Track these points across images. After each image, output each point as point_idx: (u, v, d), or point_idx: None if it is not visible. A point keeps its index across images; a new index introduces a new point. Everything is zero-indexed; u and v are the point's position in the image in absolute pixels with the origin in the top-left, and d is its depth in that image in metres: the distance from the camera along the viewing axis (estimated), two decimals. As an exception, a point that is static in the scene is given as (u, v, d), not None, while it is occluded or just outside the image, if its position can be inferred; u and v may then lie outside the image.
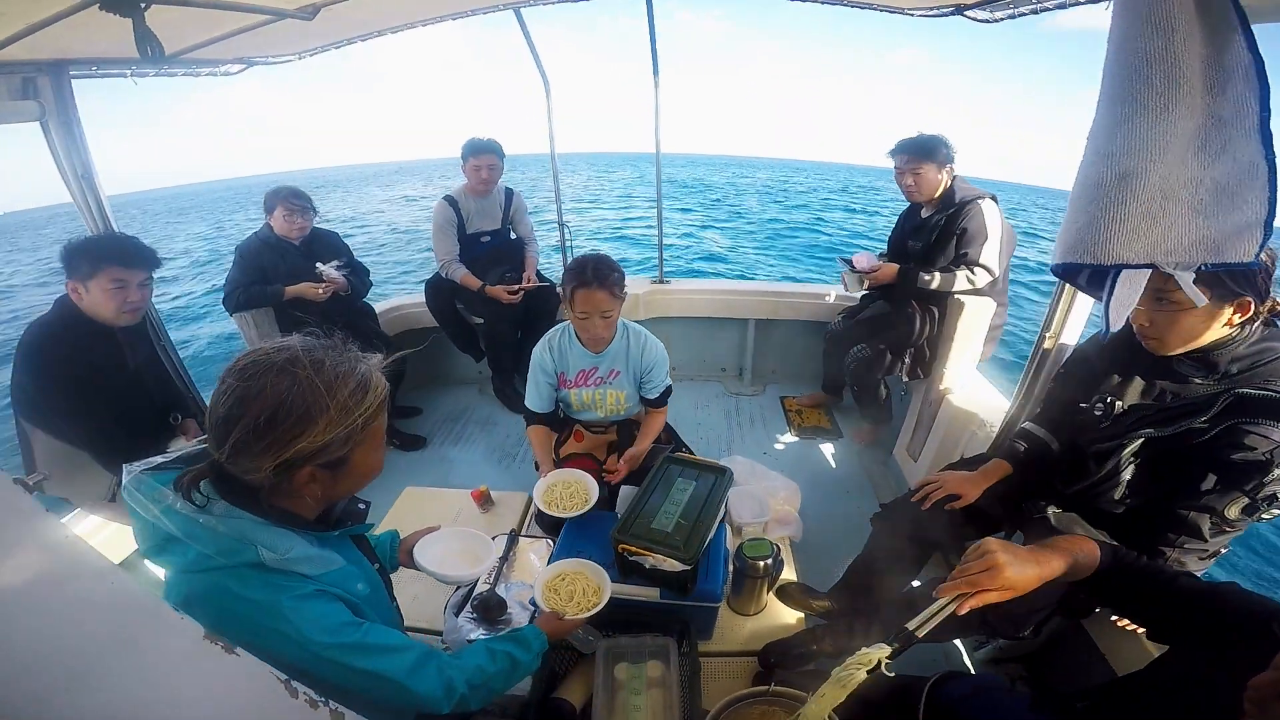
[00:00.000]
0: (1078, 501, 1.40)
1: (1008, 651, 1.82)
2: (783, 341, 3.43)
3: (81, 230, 1.88)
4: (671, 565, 1.47)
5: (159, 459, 0.87)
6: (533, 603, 1.46)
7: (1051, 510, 1.42)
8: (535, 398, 2.02)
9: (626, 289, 1.86)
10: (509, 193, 3.06)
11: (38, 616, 0.47)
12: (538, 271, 3.10)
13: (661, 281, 3.34)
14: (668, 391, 2.03)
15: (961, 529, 1.58)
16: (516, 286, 2.91)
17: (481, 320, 2.96)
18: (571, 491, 1.80)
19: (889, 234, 2.73)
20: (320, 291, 2.56)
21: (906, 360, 2.57)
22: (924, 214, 2.48)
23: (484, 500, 2.09)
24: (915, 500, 1.62)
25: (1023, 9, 1.72)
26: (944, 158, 2.33)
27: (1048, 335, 1.74)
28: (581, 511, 1.73)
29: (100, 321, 1.73)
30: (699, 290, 3.34)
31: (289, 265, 2.58)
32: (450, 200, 2.91)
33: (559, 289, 3.13)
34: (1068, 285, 1.61)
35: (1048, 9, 1.61)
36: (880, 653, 0.92)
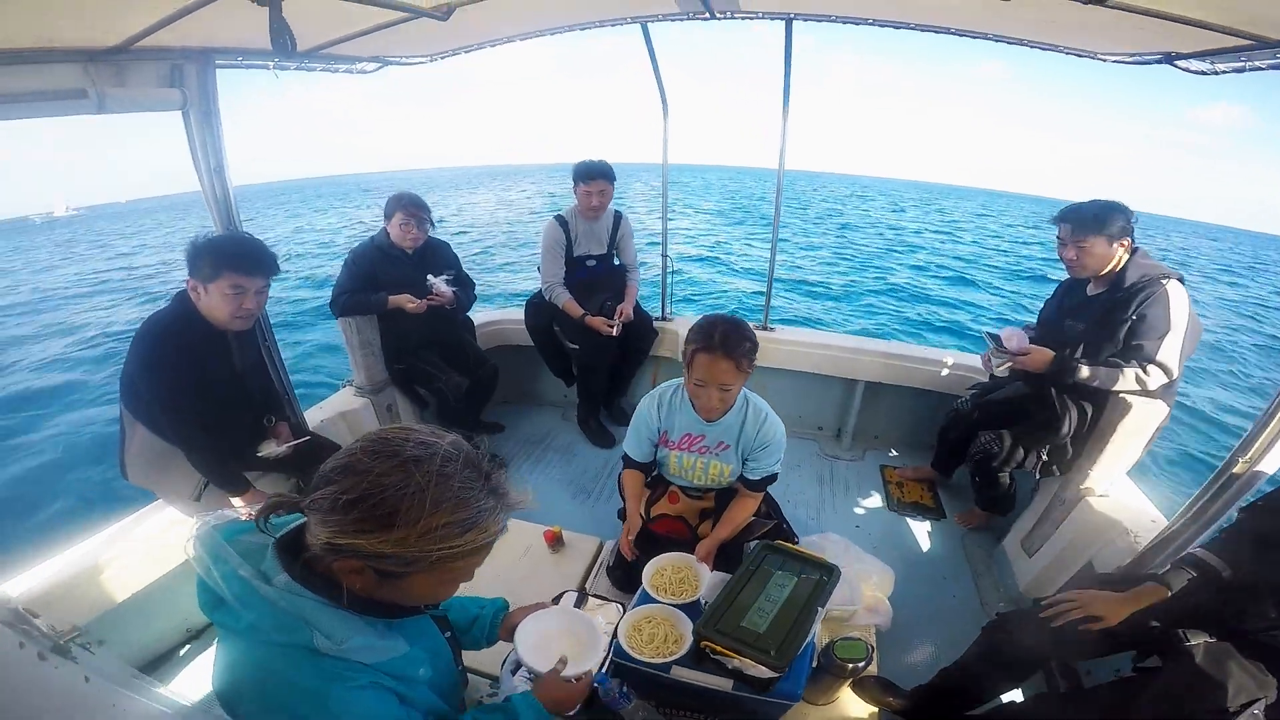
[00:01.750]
0: (1235, 632, 1.27)
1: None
2: (892, 407, 3.14)
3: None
4: (759, 671, 1.30)
5: (231, 513, 0.86)
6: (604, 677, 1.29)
7: (1203, 641, 1.28)
8: (635, 446, 1.90)
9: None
10: (617, 216, 2.96)
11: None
12: (637, 304, 2.99)
13: (766, 329, 3.12)
14: (772, 479, 1.82)
15: (1085, 647, 1.46)
16: (614, 321, 2.81)
17: (577, 347, 2.88)
18: (682, 578, 1.66)
19: (1042, 306, 2.38)
20: (417, 305, 2.53)
21: (1043, 455, 2.23)
22: (1090, 291, 2.12)
23: (555, 541, 2.00)
24: (1044, 616, 1.46)
25: (1258, 62, 1.41)
26: (1119, 230, 1.97)
27: (1242, 458, 1.48)
28: (689, 600, 1.57)
29: (214, 323, 1.73)
30: (807, 342, 3.09)
31: (399, 274, 2.56)
32: (561, 221, 2.84)
33: (655, 323, 3.13)
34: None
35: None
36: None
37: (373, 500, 0.69)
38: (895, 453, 3.15)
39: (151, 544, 1.83)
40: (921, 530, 2.59)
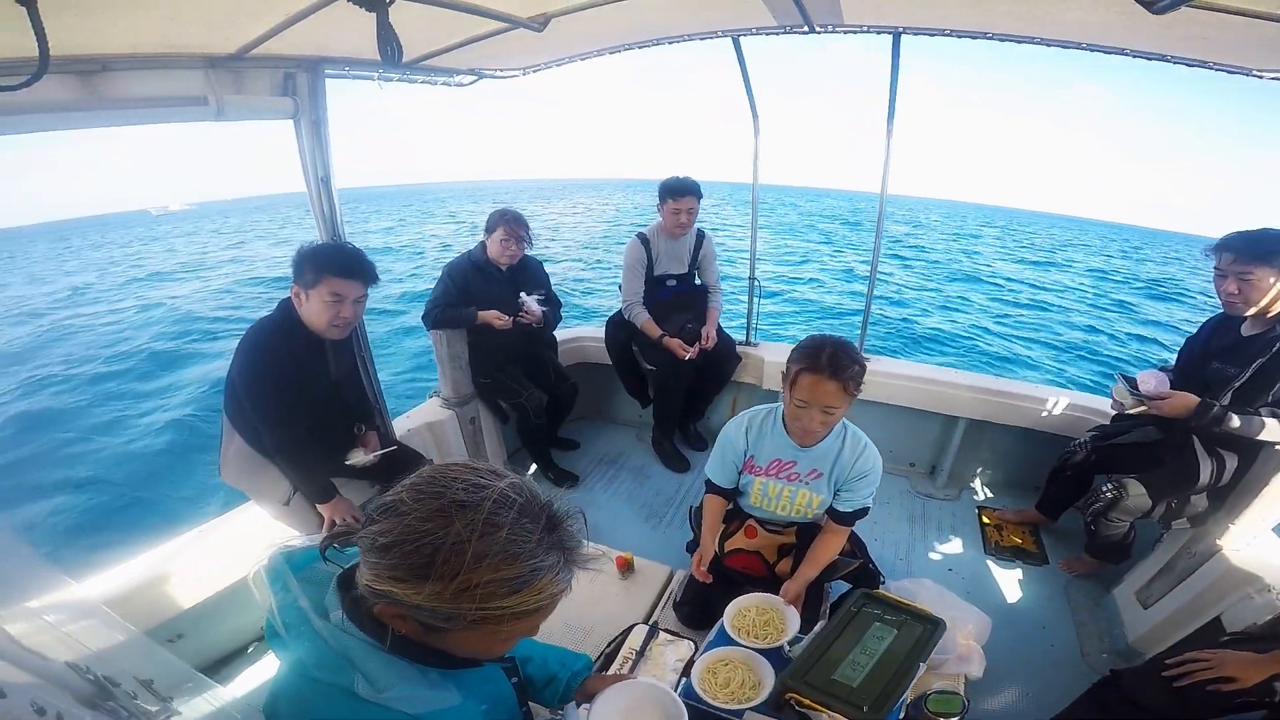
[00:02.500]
0: None
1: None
2: (994, 446, 2.92)
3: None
4: (849, 728, 1.16)
5: (302, 541, 0.80)
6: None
7: None
8: (719, 470, 1.81)
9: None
10: (700, 234, 2.90)
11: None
12: (720, 328, 2.91)
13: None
14: (863, 513, 1.69)
15: (1209, 710, 1.36)
16: (693, 349, 2.74)
17: (654, 369, 2.82)
18: (766, 620, 1.54)
19: (1183, 344, 2.13)
20: (504, 322, 2.53)
21: (1173, 506, 2.00)
22: (1246, 331, 1.87)
23: (626, 568, 1.93)
24: (1169, 675, 1.39)
25: None
26: None
27: None
28: (771, 645, 1.45)
29: (313, 330, 1.75)
30: (905, 375, 2.90)
31: (493, 291, 2.57)
32: (643, 239, 2.80)
33: (739, 348, 3.04)
34: None
35: None
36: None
37: (408, 547, 0.62)
38: (992, 493, 2.93)
39: (239, 544, 1.88)
40: (1019, 576, 2.42)
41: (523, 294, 2.59)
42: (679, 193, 2.66)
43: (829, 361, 1.46)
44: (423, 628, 0.68)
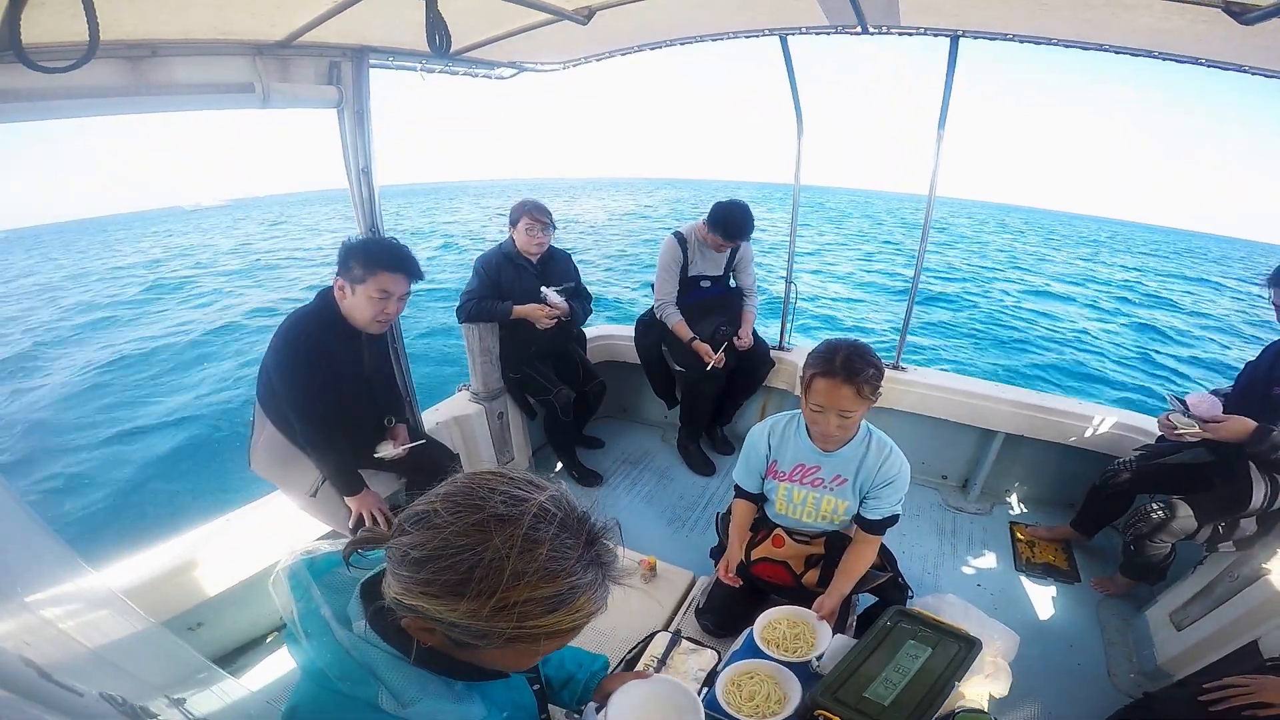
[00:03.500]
0: None
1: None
2: (1030, 461, 2.84)
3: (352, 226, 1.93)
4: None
5: (326, 545, 0.77)
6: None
7: None
8: (745, 475, 1.80)
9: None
10: None
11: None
12: (755, 332, 2.86)
13: (896, 367, 2.90)
14: (893, 520, 1.65)
15: None
16: (719, 355, 2.68)
17: (683, 370, 2.78)
18: (797, 633, 1.50)
19: (1243, 368, 2.06)
20: (547, 317, 2.52)
21: (1219, 529, 1.94)
22: None
23: (649, 571, 1.92)
24: (1205, 700, 1.35)
25: None
26: None
27: None
28: (800, 660, 1.42)
29: (353, 323, 1.75)
30: (941, 386, 2.83)
31: (525, 283, 2.56)
32: (679, 238, 2.76)
33: (773, 352, 2.99)
34: None
35: None
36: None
37: (443, 562, 0.59)
38: (1025, 509, 2.86)
39: (263, 534, 1.89)
40: (1049, 593, 2.38)
41: (543, 288, 2.56)
42: (731, 235, 2.60)
43: (843, 365, 1.45)
44: (453, 643, 0.65)
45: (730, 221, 2.57)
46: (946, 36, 2.00)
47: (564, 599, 0.61)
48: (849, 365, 1.45)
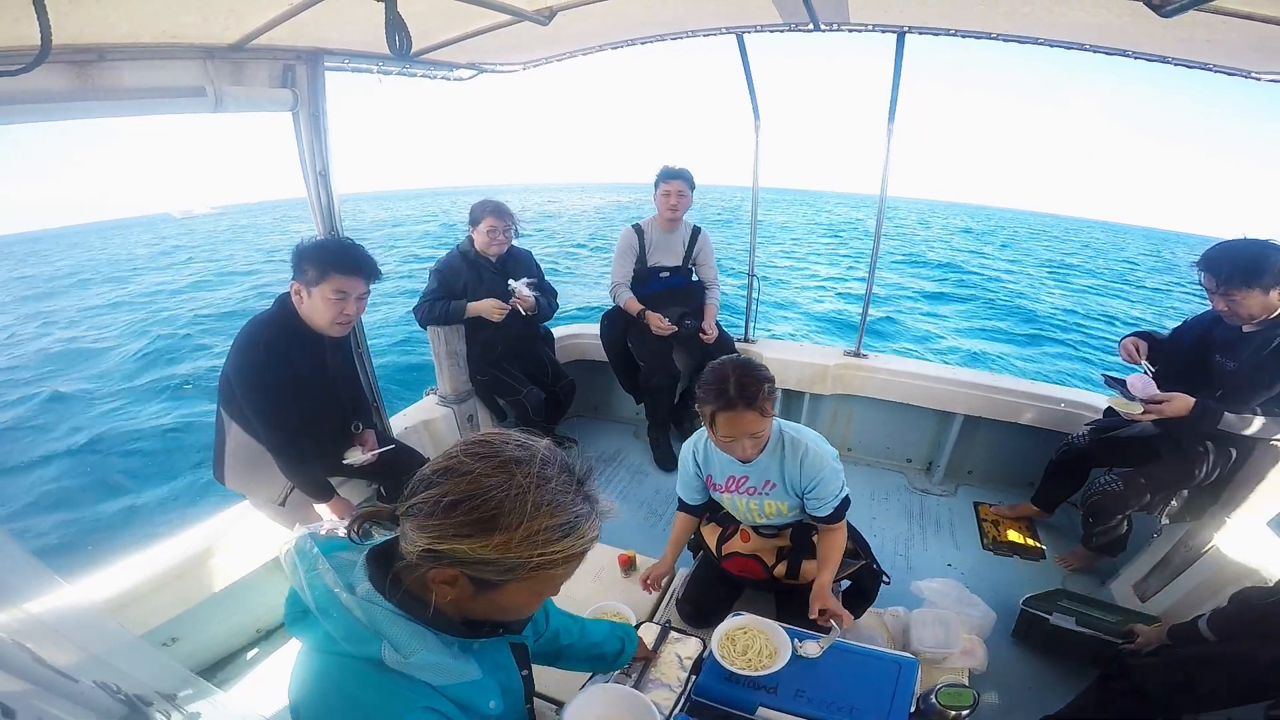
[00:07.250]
0: None
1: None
2: (990, 442, 2.93)
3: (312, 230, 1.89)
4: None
5: (342, 529, 0.82)
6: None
7: None
8: (684, 489, 1.83)
9: (812, 359, 1.53)
10: (695, 230, 2.91)
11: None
12: (719, 325, 2.90)
13: (858, 355, 2.96)
14: (845, 504, 1.64)
15: (1213, 698, 1.42)
16: (670, 328, 2.74)
17: (643, 364, 2.82)
18: (759, 648, 1.45)
19: (1169, 335, 2.12)
20: (499, 312, 2.48)
21: (1174, 503, 2.02)
22: (1247, 327, 1.85)
23: (629, 565, 1.94)
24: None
25: None
26: (1277, 276, 1.70)
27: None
28: (766, 672, 1.38)
29: (312, 327, 1.71)
30: (900, 372, 2.90)
31: (485, 284, 2.54)
32: (637, 229, 2.84)
33: (738, 344, 3.00)
34: None
35: None
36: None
37: (476, 501, 0.67)
38: (988, 488, 2.96)
39: (235, 546, 1.85)
40: (1017, 570, 2.44)
41: (511, 281, 2.53)
42: (669, 176, 2.74)
43: (739, 392, 1.42)
44: (474, 588, 0.72)
45: (667, 169, 2.76)
46: (893, 33, 2.07)
47: (572, 525, 0.71)
48: (744, 391, 1.42)
